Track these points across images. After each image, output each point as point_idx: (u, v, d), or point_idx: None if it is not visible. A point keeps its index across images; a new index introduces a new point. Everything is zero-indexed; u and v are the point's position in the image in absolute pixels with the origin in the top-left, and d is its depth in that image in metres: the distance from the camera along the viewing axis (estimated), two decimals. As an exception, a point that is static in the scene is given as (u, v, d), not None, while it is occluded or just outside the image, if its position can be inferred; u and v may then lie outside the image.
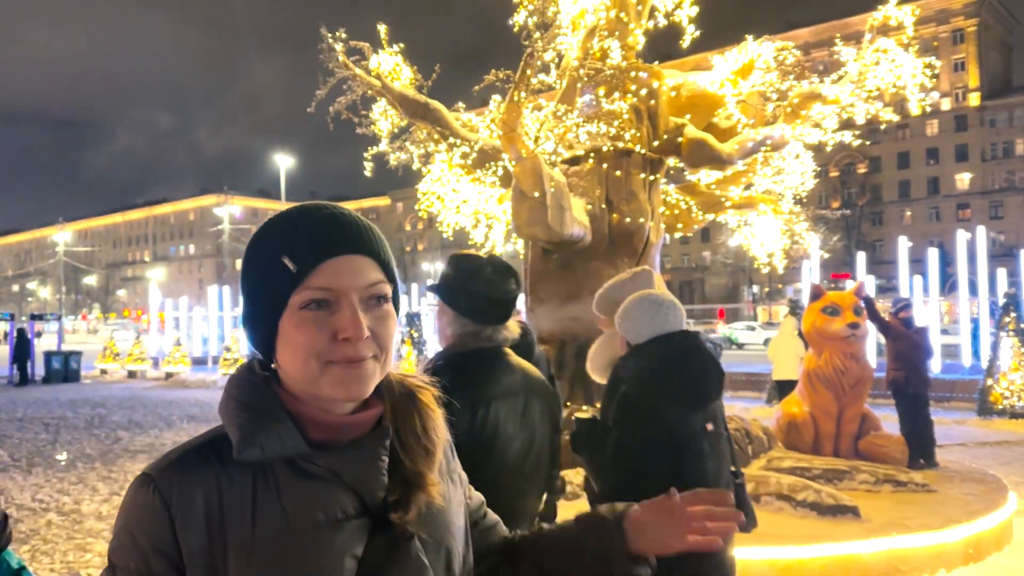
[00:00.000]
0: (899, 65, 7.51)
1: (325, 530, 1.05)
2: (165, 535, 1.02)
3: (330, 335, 1.06)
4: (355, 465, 1.10)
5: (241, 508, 1.03)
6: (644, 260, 7.73)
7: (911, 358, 8.81)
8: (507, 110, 6.04)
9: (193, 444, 1.10)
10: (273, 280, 1.08)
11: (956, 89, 76.68)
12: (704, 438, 2.83)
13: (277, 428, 1.07)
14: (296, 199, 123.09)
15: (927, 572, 5.55)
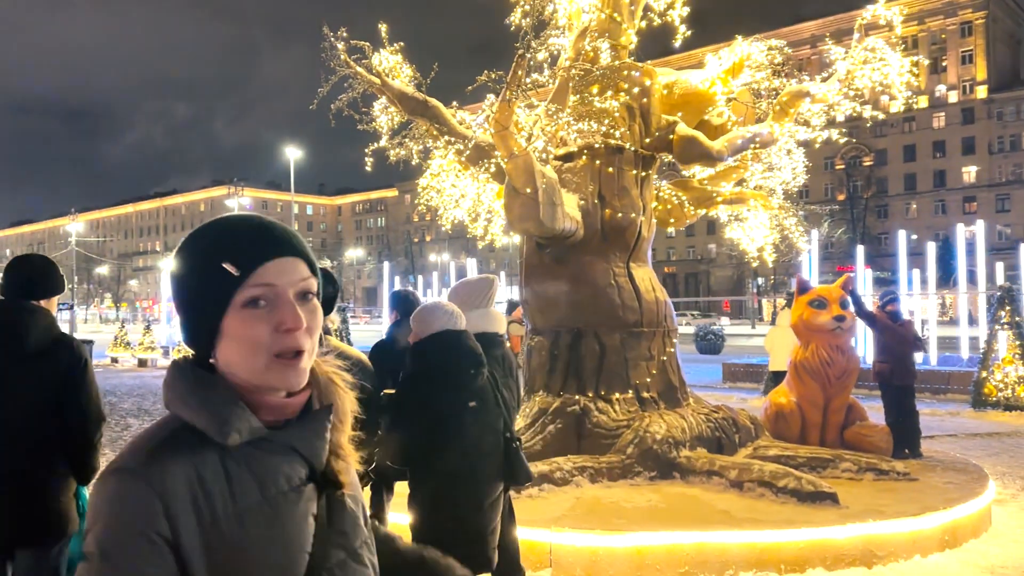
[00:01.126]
0: (887, 64, 7.67)
1: (291, 495, 1.21)
2: (158, 518, 1.11)
3: (272, 328, 1.20)
4: (308, 438, 1.27)
5: (219, 486, 1.16)
6: (636, 254, 7.95)
7: (896, 350, 8.90)
8: (499, 109, 6.25)
9: (162, 436, 1.20)
10: (215, 284, 1.20)
11: (963, 82, 76.37)
12: (466, 412, 3.58)
13: (242, 414, 1.20)
14: (305, 191, 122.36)
15: (902, 557, 5.74)
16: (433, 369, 3.58)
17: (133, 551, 1.10)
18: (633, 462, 6.83)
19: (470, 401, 3.60)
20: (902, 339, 8.96)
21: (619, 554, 5.43)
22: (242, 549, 1.16)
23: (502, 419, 3.77)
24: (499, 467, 3.70)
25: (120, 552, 1.10)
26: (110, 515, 1.13)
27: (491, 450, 3.65)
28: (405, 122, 8.39)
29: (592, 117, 7.08)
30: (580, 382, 7.57)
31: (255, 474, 1.20)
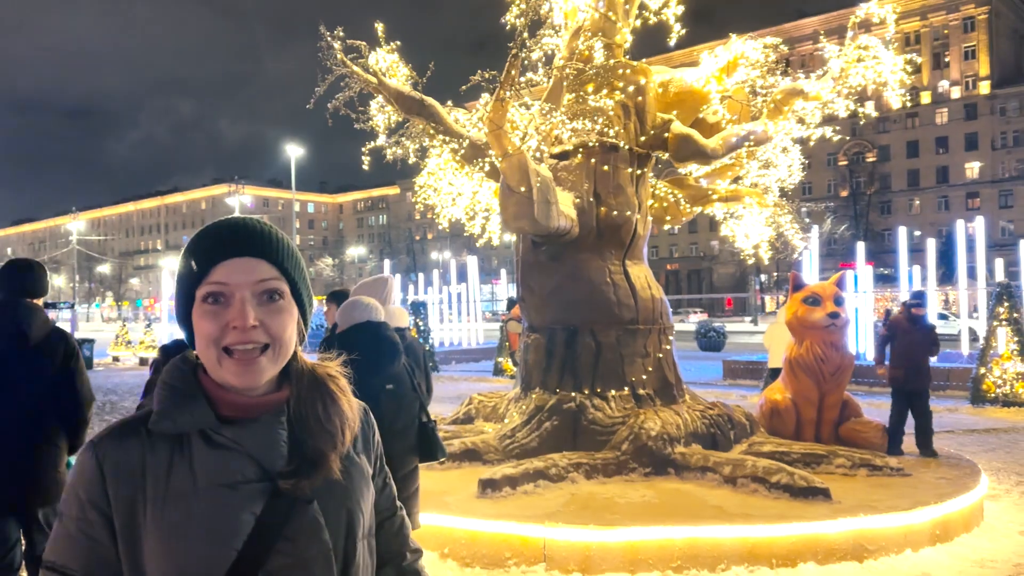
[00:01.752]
0: (880, 62, 7.70)
1: (225, 490, 1.25)
2: (98, 490, 1.23)
3: (223, 325, 1.26)
4: (254, 437, 1.30)
5: (158, 470, 1.24)
6: (632, 252, 7.99)
7: (911, 356, 8.65)
8: (493, 108, 6.30)
9: (129, 417, 1.32)
10: (185, 280, 1.30)
11: (966, 77, 76.19)
12: (383, 394, 4.11)
13: (191, 405, 1.28)
14: (306, 188, 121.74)
15: (893, 552, 5.79)
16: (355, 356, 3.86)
17: (75, 514, 1.25)
18: (628, 458, 6.89)
19: (387, 384, 4.16)
20: (917, 345, 8.70)
21: (612, 549, 5.49)
22: (162, 533, 1.22)
23: (418, 402, 4.30)
24: (411, 445, 4.27)
25: (68, 513, 1.25)
26: (69, 481, 1.28)
27: (404, 429, 4.21)
28: (402, 121, 8.43)
29: (587, 116, 7.13)
30: (576, 379, 7.63)
31: (193, 464, 1.26)
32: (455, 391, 18.01)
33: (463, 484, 6.58)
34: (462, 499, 6.24)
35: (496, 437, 7.41)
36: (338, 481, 1.35)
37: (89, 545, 1.24)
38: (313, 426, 1.34)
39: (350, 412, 1.40)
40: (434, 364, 22.06)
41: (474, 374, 21.81)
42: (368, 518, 1.43)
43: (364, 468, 1.45)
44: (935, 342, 8.86)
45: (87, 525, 1.24)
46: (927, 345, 8.73)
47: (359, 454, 1.45)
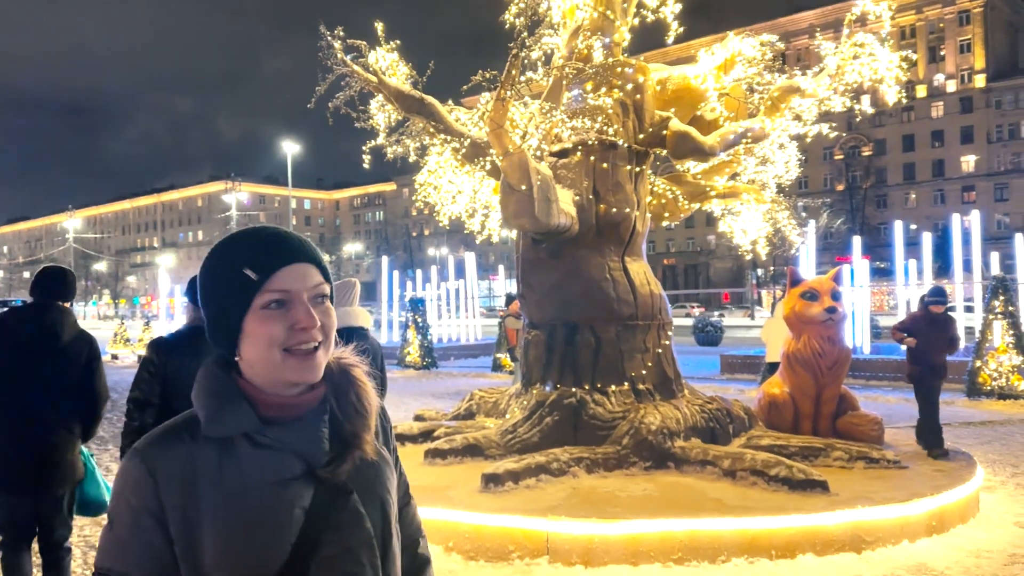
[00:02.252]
0: (876, 59, 7.78)
1: (274, 487, 1.32)
2: (151, 496, 1.29)
3: (288, 327, 1.34)
4: (298, 436, 1.38)
5: (209, 473, 1.31)
6: (631, 248, 8.07)
7: (929, 354, 8.58)
8: (494, 108, 6.37)
9: (171, 424, 1.38)
10: (237, 288, 1.35)
11: (962, 71, 76.34)
12: None
13: (236, 410, 1.35)
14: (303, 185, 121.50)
15: (890, 543, 5.89)
16: None
17: (128, 520, 1.30)
18: (628, 452, 6.98)
19: None
20: (935, 342, 8.58)
21: (614, 541, 5.57)
22: (218, 531, 1.29)
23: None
24: None
25: (119, 520, 1.31)
26: (117, 489, 1.34)
27: None
28: (402, 119, 8.49)
29: (586, 114, 7.20)
30: (576, 375, 7.71)
31: (242, 465, 1.33)
32: (454, 387, 18.09)
33: (466, 479, 6.66)
34: (465, 493, 6.32)
35: (498, 432, 7.49)
36: (371, 470, 1.44)
37: (145, 550, 1.29)
38: (350, 412, 1.44)
39: (375, 398, 1.49)
40: (432, 360, 22.13)
41: (472, 370, 21.88)
42: (395, 503, 1.53)
43: (387, 456, 1.54)
44: (953, 338, 8.68)
45: (141, 531, 1.29)
46: (943, 344, 8.59)
47: (381, 444, 1.54)
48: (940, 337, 8.55)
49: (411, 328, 22.35)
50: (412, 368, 21.82)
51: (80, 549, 6.21)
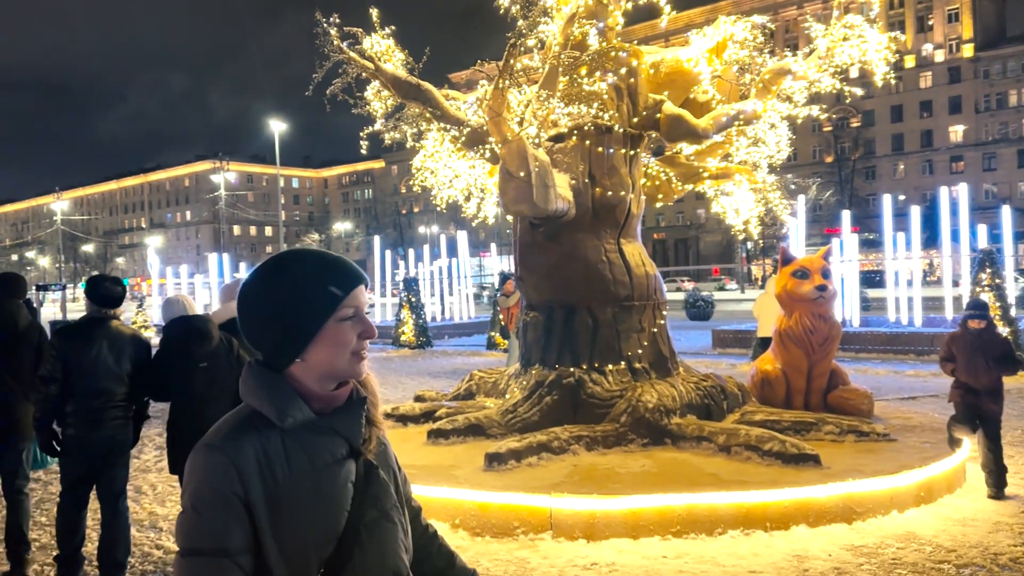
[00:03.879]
0: (865, 40, 7.91)
1: (334, 466, 1.61)
2: (234, 482, 1.50)
3: (357, 335, 1.64)
4: (348, 422, 1.66)
5: (279, 458, 1.55)
6: (626, 230, 8.23)
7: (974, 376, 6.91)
8: (493, 96, 6.48)
9: (236, 420, 1.60)
10: (322, 302, 1.61)
11: (950, 40, 76.36)
12: (196, 370, 5.28)
13: (296, 404, 1.59)
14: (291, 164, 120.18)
15: (880, 513, 6.11)
16: (172, 341, 5.39)
17: (214, 505, 1.50)
18: (626, 430, 7.18)
19: (201, 363, 5.32)
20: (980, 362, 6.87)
21: (615, 516, 5.78)
22: (295, 506, 1.54)
23: (232, 376, 5.29)
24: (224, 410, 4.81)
25: (205, 506, 1.51)
26: (197, 480, 1.53)
27: (216, 397, 5.19)
28: (399, 104, 8.58)
29: (582, 100, 7.32)
30: (574, 355, 7.89)
31: (306, 449, 1.58)
32: (450, 365, 18.30)
33: (469, 458, 6.86)
34: (469, 472, 6.52)
35: (499, 412, 7.68)
36: (384, 447, 1.77)
37: (235, 527, 1.50)
38: (371, 406, 1.74)
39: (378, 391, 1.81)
40: (427, 339, 22.32)
41: (467, 348, 22.08)
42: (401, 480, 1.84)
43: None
44: (1007, 357, 6.89)
45: (230, 512, 1.50)
46: (991, 362, 6.85)
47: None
48: (984, 356, 6.84)
49: (405, 307, 22.51)
50: (407, 347, 22.01)
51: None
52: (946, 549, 5.48)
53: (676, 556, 5.43)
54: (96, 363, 5.12)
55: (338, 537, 1.58)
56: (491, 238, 42.51)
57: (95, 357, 5.13)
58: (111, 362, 5.18)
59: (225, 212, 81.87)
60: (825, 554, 5.40)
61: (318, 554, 1.56)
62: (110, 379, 5.18)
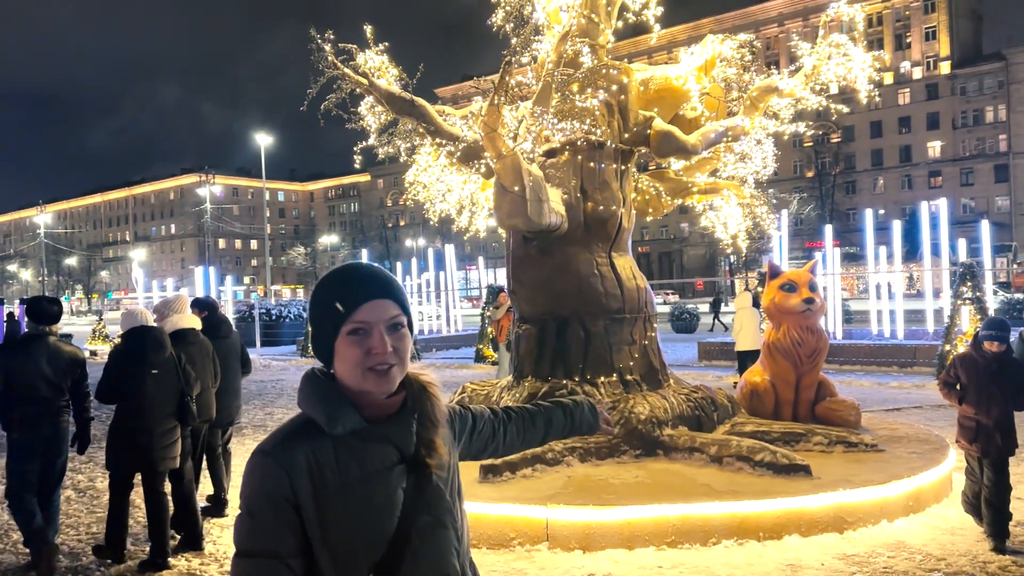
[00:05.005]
0: (850, 59, 8.09)
1: (384, 473, 1.65)
2: (285, 487, 1.58)
3: (366, 351, 1.65)
4: (397, 431, 1.71)
5: (330, 464, 1.61)
6: (617, 244, 8.34)
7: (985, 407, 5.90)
8: (488, 112, 6.59)
9: (290, 427, 1.68)
10: (331, 317, 1.66)
11: (927, 58, 77.53)
12: (147, 376, 5.81)
13: (345, 411, 1.65)
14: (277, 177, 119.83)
15: (870, 523, 6.22)
16: (130, 348, 5.91)
17: (266, 509, 1.58)
18: (620, 441, 7.26)
19: (152, 370, 5.84)
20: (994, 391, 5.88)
21: (610, 526, 5.85)
22: (344, 511, 1.60)
23: (180, 383, 5.98)
24: (172, 413, 5.93)
25: (257, 510, 1.58)
26: (252, 484, 1.61)
27: (165, 402, 5.87)
28: (392, 119, 8.67)
29: (575, 116, 7.44)
30: (567, 367, 7.97)
31: (356, 456, 1.64)
32: (439, 378, 18.17)
33: (464, 469, 6.82)
34: (465, 484, 6.39)
35: (492, 424, 7.72)
36: (440, 453, 1.77)
37: (287, 531, 1.58)
38: (427, 419, 1.76)
39: (443, 411, 1.82)
40: (415, 352, 22.33)
41: (456, 360, 22.11)
42: (457, 485, 1.87)
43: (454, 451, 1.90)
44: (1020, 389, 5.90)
45: (282, 517, 1.58)
46: (1009, 392, 5.87)
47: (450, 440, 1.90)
48: (999, 386, 5.87)
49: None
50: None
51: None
52: (936, 558, 5.58)
53: (671, 566, 5.51)
54: (36, 375, 5.82)
55: (389, 541, 1.63)
56: (478, 251, 42.59)
57: (34, 369, 5.82)
58: (49, 373, 5.88)
59: (210, 225, 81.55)
60: (817, 563, 5.49)
61: (368, 558, 1.61)
62: (49, 388, 5.89)
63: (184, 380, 6.03)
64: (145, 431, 5.77)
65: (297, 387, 1.78)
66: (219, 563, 6.00)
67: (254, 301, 32.14)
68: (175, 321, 6.51)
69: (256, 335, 26.44)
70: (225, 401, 7.16)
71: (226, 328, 7.58)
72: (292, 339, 27.95)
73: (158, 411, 5.83)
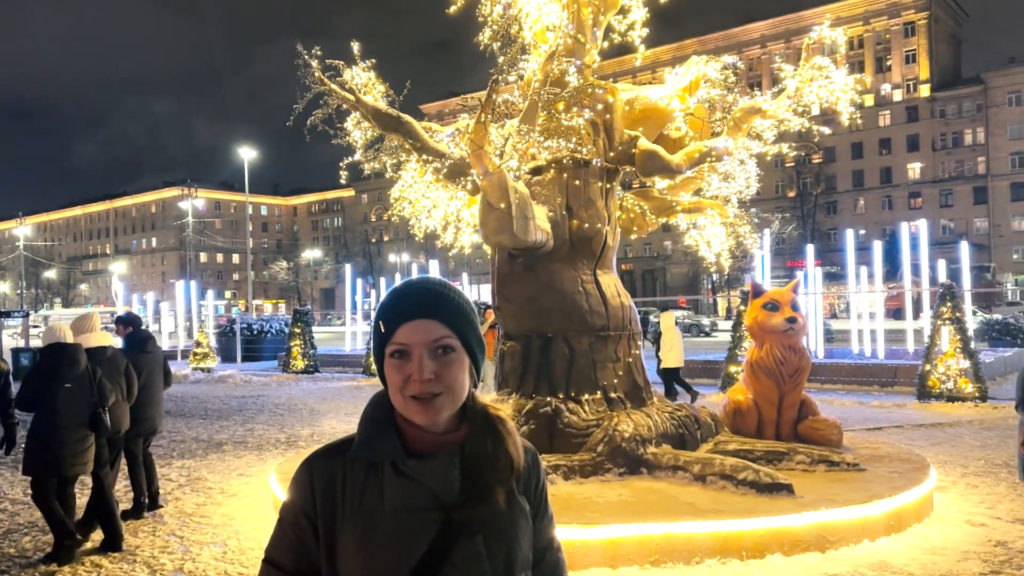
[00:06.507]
0: (832, 81, 8.19)
1: (405, 514, 1.48)
2: (309, 500, 1.53)
3: (405, 376, 1.50)
4: (432, 471, 1.51)
5: (355, 489, 1.50)
6: (602, 262, 8.37)
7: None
8: (475, 130, 6.61)
9: (336, 442, 1.61)
10: (378, 338, 1.56)
11: (907, 80, 78.68)
12: (60, 390, 6.23)
13: (386, 439, 1.53)
14: (260, 191, 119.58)
15: (852, 542, 6.23)
16: (46, 363, 6.42)
17: (290, 518, 1.56)
18: (603, 459, 7.25)
19: (66, 384, 6.26)
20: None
21: (594, 545, 5.84)
22: (352, 541, 1.48)
23: (95, 396, 6.39)
24: (84, 422, 6.32)
25: (285, 516, 1.57)
26: (288, 492, 1.59)
27: (78, 414, 6.28)
28: (379, 135, 8.68)
29: (560, 135, 7.48)
30: (551, 384, 7.97)
31: (383, 488, 1.50)
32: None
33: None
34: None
35: (476, 442, 7.69)
36: (501, 516, 1.53)
37: (298, 546, 1.54)
38: (482, 463, 1.54)
39: (515, 452, 1.58)
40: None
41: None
42: (526, 553, 1.58)
43: (524, 507, 1.60)
44: None
45: (299, 529, 1.54)
46: None
47: (520, 494, 1.60)
48: None
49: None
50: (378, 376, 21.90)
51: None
52: (916, 577, 5.60)
53: (654, 584, 5.50)
54: None
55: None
56: (462, 267, 42.60)
57: None
58: None
59: (192, 239, 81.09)
60: (800, 582, 5.50)
61: None
62: None
63: (99, 393, 6.45)
64: (57, 440, 6.22)
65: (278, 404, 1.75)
66: (134, 562, 6.30)
67: (235, 316, 31.86)
68: (83, 340, 6.89)
69: (237, 350, 26.28)
70: (148, 412, 7.66)
71: (151, 343, 8.10)
72: (273, 354, 27.78)
73: (70, 421, 6.25)
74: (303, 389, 19.85)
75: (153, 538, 6.93)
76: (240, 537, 6.88)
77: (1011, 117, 73.00)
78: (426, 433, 1.54)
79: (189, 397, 18.41)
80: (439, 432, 1.55)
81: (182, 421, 14.42)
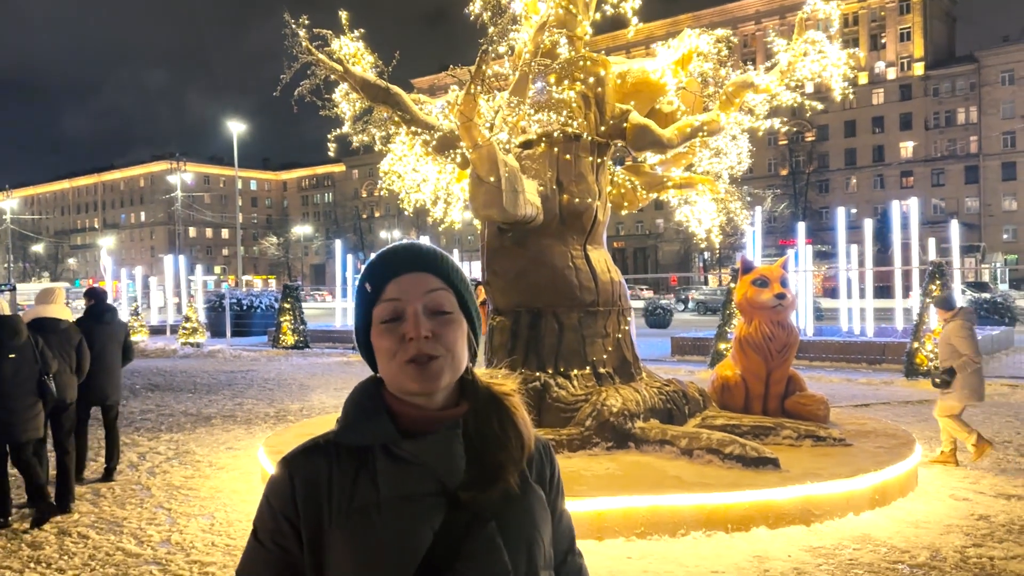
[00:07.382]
0: (825, 56, 8.14)
1: (406, 503, 1.29)
2: (289, 503, 1.32)
3: (399, 338, 1.33)
4: (433, 451, 1.34)
5: (344, 485, 1.31)
6: (592, 237, 8.34)
7: None
8: (464, 102, 6.55)
9: (317, 438, 1.40)
10: (362, 304, 1.40)
11: (901, 59, 78.51)
12: (5, 361, 6.41)
13: (375, 420, 1.35)
14: (250, 166, 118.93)
15: (837, 515, 6.29)
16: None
17: (270, 525, 1.35)
18: (591, 434, 7.27)
19: (10, 354, 6.47)
20: None
21: (581, 518, 5.85)
22: (348, 542, 1.29)
23: (38, 367, 6.60)
24: (32, 390, 6.56)
25: (262, 526, 1.36)
26: (263, 496, 1.39)
27: (23, 383, 6.51)
28: (367, 107, 8.59)
29: (551, 108, 7.42)
30: (540, 359, 7.97)
31: (377, 477, 1.32)
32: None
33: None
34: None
35: (464, 415, 7.71)
36: (517, 504, 1.36)
37: (279, 555, 1.34)
38: (490, 440, 1.37)
39: (525, 429, 1.42)
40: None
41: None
42: (548, 549, 1.41)
43: (542, 496, 1.44)
44: None
45: (279, 536, 1.34)
46: None
47: (536, 483, 1.44)
48: None
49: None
50: (367, 351, 21.90)
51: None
52: (900, 550, 5.65)
53: (640, 557, 5.53)
54: None
55: None
56: (453, 244, 42.54)
57: None
58: None
59: (181, 213, 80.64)
60: (785, 555, 5.54)
61: None
62: None
63: (42, 361, 6.70)
64: (7, 408, 6.48)
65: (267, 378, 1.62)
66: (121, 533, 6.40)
67: (224, 291, 31.76)
68: (38, 310, 7.28)
69: (226, 325, 26.21)
70: (100, 381, 7.92)
71: (109, 315, 8.37)
72: (263, 330, 27.72)
73: (17, 389, 6.51)
74: (293, 364, 19.84)
75: (140, 510, 6.94)
76: (228, 509, 6.89)
77: (1004, 96, 73.03)
78: (421, 411, 1.37)
79: (178, 371, 18.39)
80: (436, 408, 1.38)
81: (171, 395, 14.40)
